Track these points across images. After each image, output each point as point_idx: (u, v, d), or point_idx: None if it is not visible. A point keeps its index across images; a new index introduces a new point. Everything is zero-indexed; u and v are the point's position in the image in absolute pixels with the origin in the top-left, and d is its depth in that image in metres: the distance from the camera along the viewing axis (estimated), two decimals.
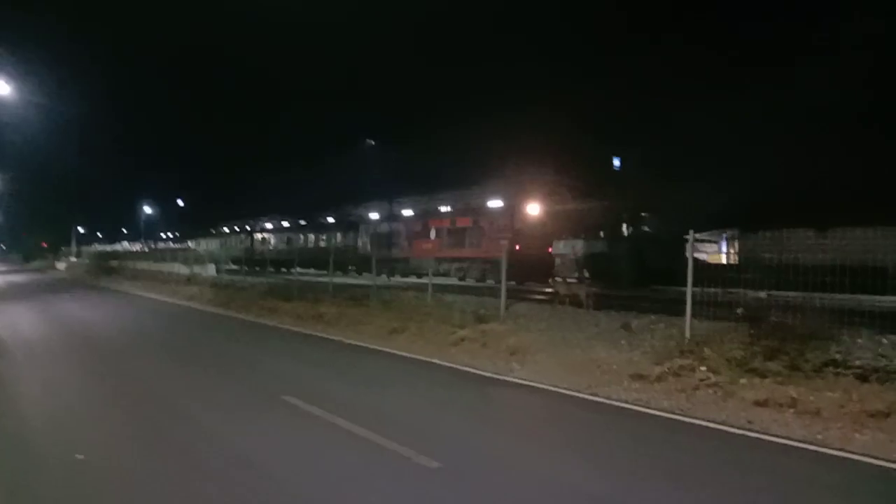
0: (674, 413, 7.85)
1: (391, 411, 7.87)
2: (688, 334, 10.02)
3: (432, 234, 33.03)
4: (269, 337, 15.45)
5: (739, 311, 9.50)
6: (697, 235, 18.54)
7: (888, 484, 5.58)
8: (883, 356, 7.86)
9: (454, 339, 12.68)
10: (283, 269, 42.18)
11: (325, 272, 24.38)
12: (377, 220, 39.97)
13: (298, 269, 28.86)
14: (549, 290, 18.87)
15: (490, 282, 25.72)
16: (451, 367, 10.90)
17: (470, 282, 27.74)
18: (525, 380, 9.78)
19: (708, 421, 7.46)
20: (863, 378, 7.76)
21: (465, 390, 9.37)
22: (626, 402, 8.42)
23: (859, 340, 8.35)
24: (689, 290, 10.11)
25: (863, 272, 9.86)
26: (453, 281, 28.46)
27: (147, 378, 10.04)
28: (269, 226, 58.07)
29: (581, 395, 8.85)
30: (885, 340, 8.11)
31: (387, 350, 12.80)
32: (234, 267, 45.44)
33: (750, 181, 30.90)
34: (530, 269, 24.88)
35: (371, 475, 5.48)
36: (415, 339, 13.53)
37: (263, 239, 54.69)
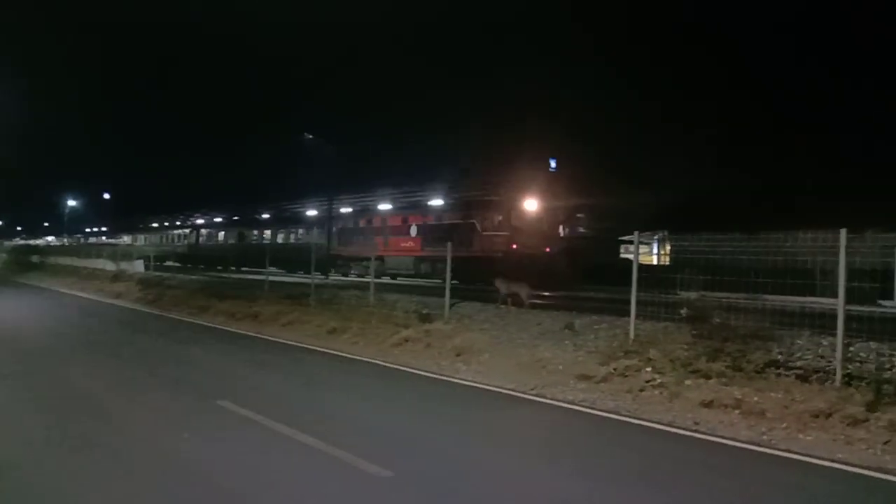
0: (621, 414, 7.79)
1: (335, 416, 7.53)
2: (632, 334, 10.03)
3: (413, 231, 29.92)
4: (201, 336, 14.79)
5: (683, 311, 9.55)
6: (630, 237, 18.81)
7: (835, 485, 5.60)
8: (822, 357, 8.00)
9: (397, 339, 12.39)
10: (233, 268, 40.40)
11: (283, 272, 23.16)
12: (346, 216, 36.74)
13: (248, 269, 27.44)
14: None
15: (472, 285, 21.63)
16: (395, 369, 10.61)
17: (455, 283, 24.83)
18: (471, 381, 9.59)
19: (655, 422, 7.42)
20: (804, 378, 7.88)
21: (412, 393, 9.10)
22: (573, 402, 8.33)
23: (799, 341, 8.48)
24: (633, 289, 10.12)
25: (789, 274, 10.05)
26: (437, 282, 25.27)
27: (69, 381, 9.36)
28: (212, 220, 55.16)
29: (528, 395, 8.71)
30: (824, 342, 8.26)
31: (327, 350, 12.41)
32: (176, 263, 43.42)
33: (681, 186, 31.84)
34: (528, 272, 23.12)
35: (319, 487, 5.14)
36: (356, 340, 13.18)
37: (209, 234, 52.24)
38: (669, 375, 8.50)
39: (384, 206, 35.28)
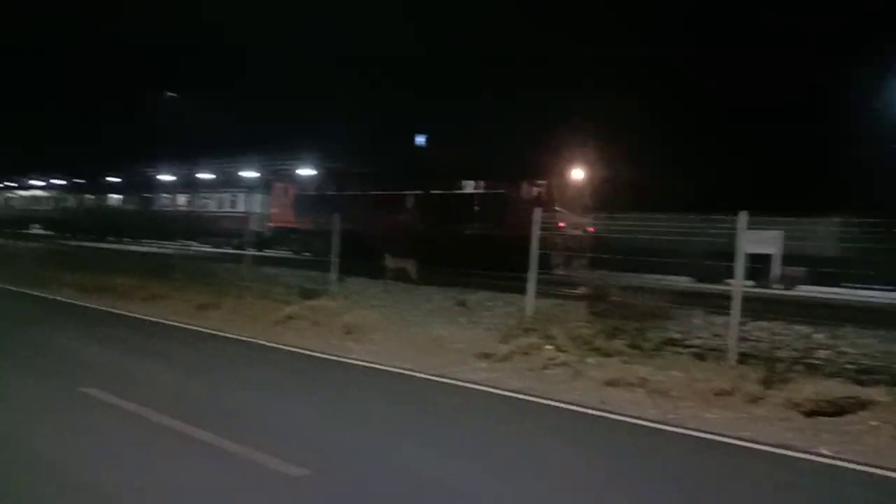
0: (528, 394, 7.58)
1: (221, 404, 6.71)
2: (529, 311, 9.92)
3: (409, 202, 24.18)
4: (50, 311, 13.08)
5: (582, 289, 9.54)
6: None
7: (747, 463, 5.65)
8: (717, 336, 8.24)
9: (280, 316, 11.54)
10: (127, 239, 35.28)
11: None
12: (306, 181, 30.44)
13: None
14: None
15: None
16: (280, 349, 9.81)
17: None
18: (367, 361, 9.03)
19: (563, 402, 7.26)
20: (700, 357, 8.09)
21: (305, 376, 8.42)
22: (477, 382, 8.02)
23: (695, 320, 8.70)
24: (533, 264, 9.99)
25: (646, 252, 10.23)
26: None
27: None
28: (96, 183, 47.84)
29: (429, 376, 8.30)
30: (718, 321, 8.51)
31: (199, 329, 11.32)
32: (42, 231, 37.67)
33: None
34: (578, 258, 17.86)
35: (221, 491, 4.42)
36: (231, 317, 12.15)
37: (87, 199, 45.70)
38: (572, 354, 8.44)
39: (365, 171, 29.15)
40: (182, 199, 38.34)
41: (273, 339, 10.39)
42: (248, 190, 34.55)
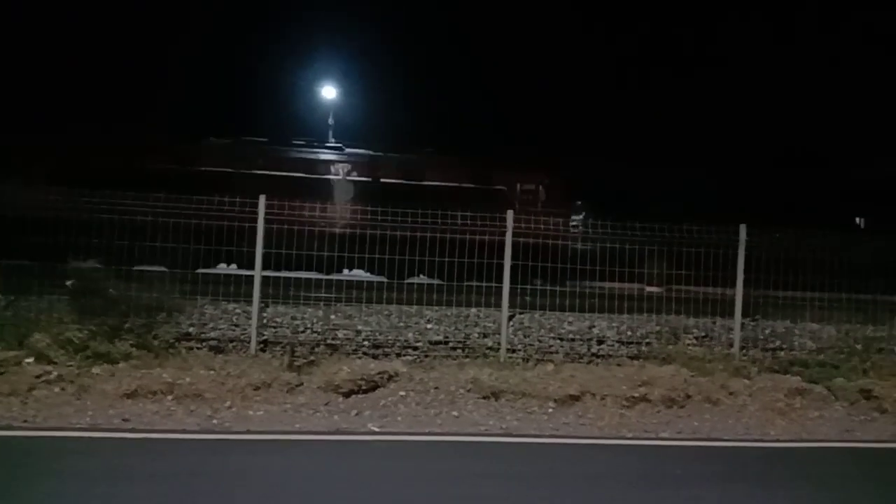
0: (13, 427, 5.68)
1: None
2: None
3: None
4: None
5: (70, 283, 7.65)
6: None
7: (313, 456, 5.43)
8: (237, 325, 7.75)
9: None
10: None
11: None
12: None
13: None
14: None
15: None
16: None
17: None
18: None
19: (67, 429, 5.71)
20: (219, 350, 7.50)
21: None
22: None
23: (208, 311, 7.99)
24: None
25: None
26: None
27: None
28: None
29: None
30: (237, 309, 8.00)
31: None
32: None
33: None
34: None
35: None
36: None
37: None
38: (67, 366, 6.71)
39: None
40: None
41: None
42: None
